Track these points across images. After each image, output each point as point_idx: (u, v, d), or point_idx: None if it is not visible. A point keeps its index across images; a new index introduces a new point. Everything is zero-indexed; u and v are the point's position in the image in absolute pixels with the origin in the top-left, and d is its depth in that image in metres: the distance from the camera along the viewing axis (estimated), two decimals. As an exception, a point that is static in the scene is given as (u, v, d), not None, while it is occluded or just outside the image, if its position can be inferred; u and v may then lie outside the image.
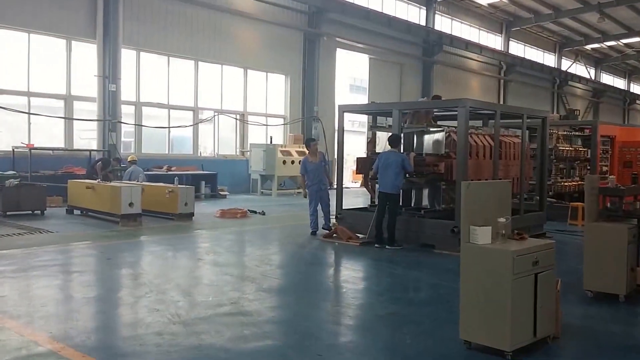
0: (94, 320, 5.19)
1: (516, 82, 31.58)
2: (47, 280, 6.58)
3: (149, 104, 17.49)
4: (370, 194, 10.59)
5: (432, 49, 26.03)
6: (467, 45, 27.13)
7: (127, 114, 16.68)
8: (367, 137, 11.68)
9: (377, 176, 9.25)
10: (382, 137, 10.20)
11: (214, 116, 18.97)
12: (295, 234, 10.53)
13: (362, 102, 22.43)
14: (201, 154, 18.92)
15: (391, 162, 8.98)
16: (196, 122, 18.54)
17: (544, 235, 10.65)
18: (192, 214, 11.95)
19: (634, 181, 6.76)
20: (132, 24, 16.34)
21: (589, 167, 14.01)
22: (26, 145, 13.89)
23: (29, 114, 14.60)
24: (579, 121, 20.66)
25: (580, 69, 37.59)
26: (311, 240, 9.86)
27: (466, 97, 8.91)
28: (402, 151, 9.36)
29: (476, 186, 4.75)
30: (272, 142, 19.08)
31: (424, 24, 25.56)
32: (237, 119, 19.73)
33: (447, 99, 10.41)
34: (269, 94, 20.86)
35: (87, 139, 16.30)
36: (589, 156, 13.71)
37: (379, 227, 9.22)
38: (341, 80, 23.90)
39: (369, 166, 10.04)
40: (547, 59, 34.91)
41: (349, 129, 23.53)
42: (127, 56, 16.38)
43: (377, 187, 9.42)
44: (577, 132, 14.19)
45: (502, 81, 31.24)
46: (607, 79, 41.31)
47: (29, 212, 11.79)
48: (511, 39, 31.34)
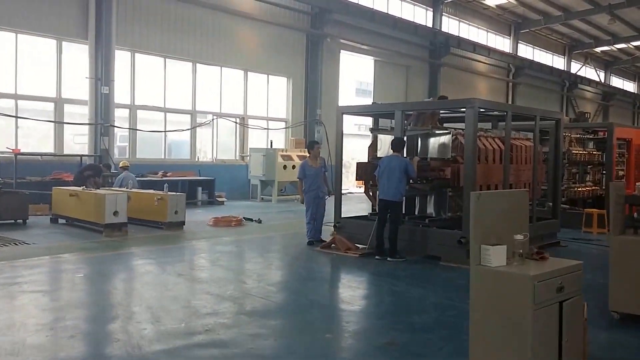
0: (38, 354, 4.33)
1: (525, 85, 30.79)
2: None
3: (144, 107, 16.86)
4: (371, 202, 9.86)
5: (439, 51, 25.31)
6: (475, 47, 26.42)
7: (121, 117, 16.05)
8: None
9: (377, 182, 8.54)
10: (384, 140, 9.46)
11: (213, 120, 18.34)
12: (291, 245, 9.82)
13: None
14: (199, 159, 18.26)
15: (393, 167, 8.27)
16: (194, 126, 17.89)
17: (558, 244, 9.92)
18: (182, 223, 11.27)
19: None
20: (127, 24, 15.73)
21: (603, 172, 13.25)
22: (12, 150, 13.27)
23: (16, 117, 13.99)
24: (594, 123, 19.88)
25: (589, 72, 36.81)
26: (307, 251, 9.15)
27: (475, 97, 8.16)
28: (405, 155, 8.64)
29: (488, 197, 4.01)
30: (272, 146, 18.40)
31: (430, 25, 24.86)
32: (236, 123, 19.08)
33: (454, 99, 9.67)
34: (270, 96, 20.21)
35: (81, 143, 15.66)
36: (603, 160, 12.96)
37: (379, 238, 8.50)
38: (347, 83, 23.20)
39: (369, 172, 9.32)
40: (557, 62, 34.13)
41: (355, 132, 22.87)
42: (121, 57, 15.76)
43: (378, 194, 8.69)
44: (590, 135, 13.44)
45: (510, 84, 30.46)
46: (616, 82, 40.49)
47: (11, 222, 11.13)
48: (520, 41, 30.60)
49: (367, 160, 9.80)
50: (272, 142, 18.65)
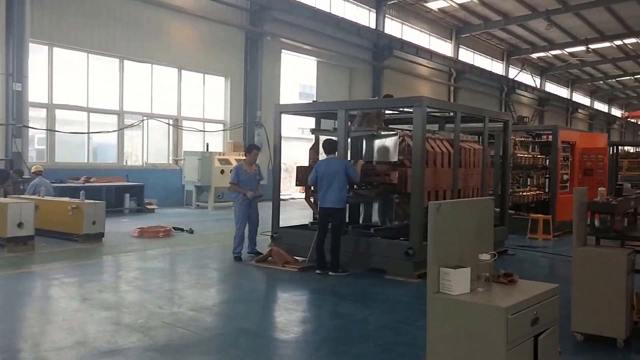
0: None
1: (466, 89, 30.93)
2: None
3: (64, 107, 15.42)
4: (312, 209, 9.03)
5: (383, 54, 24.89)
6: (418, 50, 26.21)
7: (38, 118, 14.59)
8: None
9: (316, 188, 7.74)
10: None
11: (143, 121, 17.05)
12: (224, 258, 8.84)
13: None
14: (127, 162, 16.91)
15: (333, 172, 7.49)
16: (121, 128, 16.55)
17: (506, 252, 9.43)
18: (101, 235, 10.07)
19: (618, 193, 5.43)
20: (43, 15, 14.28)
21: (546, 176, 12.99)
22: None
23: None
24: (539, 126, 19.91)
25: (526, 78, 37.61)
26: (241, 266, 8.21)
27: (423, 95, 7.51)
28: (347, 158, 7.88)
29: (450, 208, 3.25)
30: (208, 149, 17.30)
31: (374, 27, 24.41)
32: (169, 125, 17.86)
33: (401, 97, 9.00)
34: (207, 97, 19.09)
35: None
36: (547, 164, 12.70)
37: (320, 250, 7.69)
38: (290, 86, 22.36)
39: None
40: (496, 67, 34.61)
41: (298, 136, 22.06)
42: (37, 52, 14.30)
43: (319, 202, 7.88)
44: (533, 139, 13.16)
45: (452, 88, 30.52)
46: (551, 87, 41.64)
47: None
48: (461, 46, 30.75)
49: (308, 164, 8.98)
50: (208, 145, 17.55)
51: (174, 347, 4.67)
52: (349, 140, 8.24)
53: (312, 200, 8.98)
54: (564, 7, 25.86)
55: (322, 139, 8.82)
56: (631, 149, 24.41)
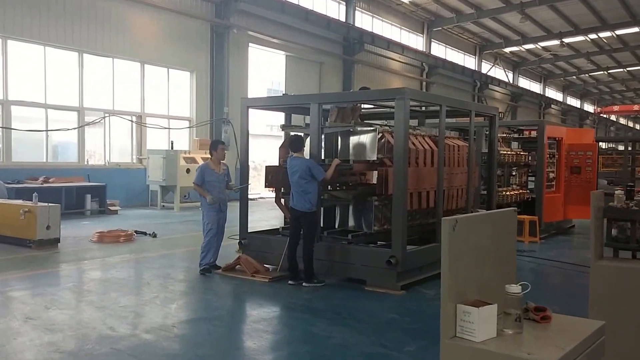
0: None
1: (438, 85, 30.57)
2: None
3: (20, 103, 14.43)
4: (283, 212, 8.38)
5: (353, 48, 24.31)
6: (389, 44, 25.70)
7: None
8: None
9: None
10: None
11: (104, 118, 16.11)
12: (189, 267, 8.11)
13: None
14: (88, 162, 15.96)
15: (296, 172, 6.86)
16: (81, 125, 15.59)
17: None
18: (57, 240, 9.24)
19: (630, 195, 4.85)
20: (-7, 4, 13.27)
21: (530, 173, 12.55)
22: None
23: None
24: (523, 121, 19.62)
25: (499, 73, 37.52)
26: (205, 277, 7.48)
27: (405, 87, 6.90)
28: (321, 157, 7.24)
29: (468, 224, 2.58)
30: (173, 147, 16.45)
31: (344, 20, 23.79)
32: (132, 122, 16.94)
33: (380, 89, 8.38)
34: (171, 93, 18.21)
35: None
36: (529, 161, 12.23)
37: (292, 257, 7.04)
38: (258, 83, 21.58)
39: (281, 177, 7.86)
40: (468, 62, 34.38)
41: (267, 133, 21.35)
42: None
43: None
44: (515, 134, 12.72)
45: (424, 83, 30.13)
46: (524, 82, 41.67)
47: None
48: (433, 40, 30.38)
49: (278, 163, 8.30)
50: (172, 143, 16.70)
51: (123, 383, 3.97)
52: (322, 137, 7.60)
53: (282, 202, 8.34)
54: (539, -1, 25.63)
55: (294, 136, 8.19)
56: (603, 145, 24.40)
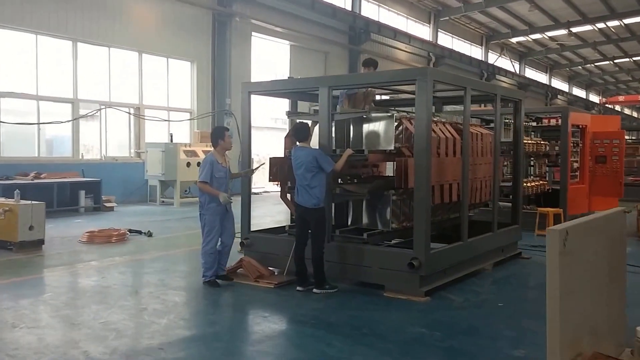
0: None
1: (446, 75, 29.77)
2: None
3: (10, 95, 13.73)
4: (289, 208, 7.65)
5: (359, 37, 23.56)
6: (396, 34, 24.95)
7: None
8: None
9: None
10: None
11: (100, 110, 15.38)
12: (185, 272, 7.38)
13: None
14: (83, 156, 15.27)
15: (301, 164, 6.13)
16: (75, 118, 14.88)
17: (520, 255, 8.21)
18: (41, 242, 8.52)
19: None
20: (-20, -10, 12.56)
21: (549, 164, 11.82)
22: None
23: None
24: (545, 108, 18.80)
25: (505, 63, 36.76)
26: (201, 285, 6.56)
27: (428, 67, 6.15)
28: (332, 146, 6.52)
29: (580, 236, 1.85)
30: (173, 140, 15.75)
31: (350, 8, 23.04)
32: (130, 114, 16.23)
33: (400, 69, 7.62)
34: (171, 83, 17.49)
35: None
36: (547, 150, 11.50)
37: (300, 260, 6.32)
38: (261, 72, 20.82)
39: (286, 169, 7.14)
40: (474, 52, 33.62)
41: (272, 125, 20.64)
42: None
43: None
44: (533, 123, 11.98)
45: (431, 74, 29.31)
46: (530, 73, 40.96)
47: None
48: (439, 30, 29.60)
49: (283, 154, 7.58)
50: (172, 136, 15.99)
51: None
52: (333, 124, 6.85)
53: (288, 197, 7.62)
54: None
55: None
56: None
